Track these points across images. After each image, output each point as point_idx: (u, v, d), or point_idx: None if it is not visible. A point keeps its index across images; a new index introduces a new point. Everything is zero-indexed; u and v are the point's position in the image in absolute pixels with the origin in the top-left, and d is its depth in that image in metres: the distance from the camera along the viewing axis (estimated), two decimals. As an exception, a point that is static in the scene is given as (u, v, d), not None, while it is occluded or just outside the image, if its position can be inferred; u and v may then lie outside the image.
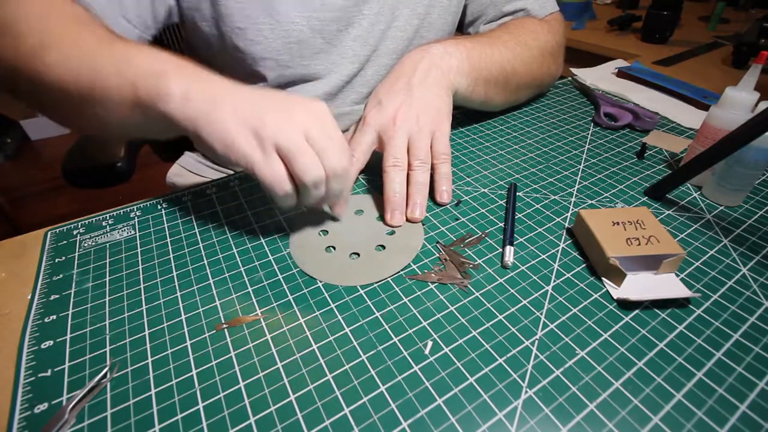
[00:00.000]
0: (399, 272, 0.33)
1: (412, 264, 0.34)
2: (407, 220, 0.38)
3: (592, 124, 0.55)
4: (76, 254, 0.36)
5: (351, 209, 0.40)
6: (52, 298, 0.32)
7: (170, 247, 0.36)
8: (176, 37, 0.71)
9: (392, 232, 0.37)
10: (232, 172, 0.59)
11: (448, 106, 0.43)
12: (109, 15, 0.39)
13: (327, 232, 0.37)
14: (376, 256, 0.35)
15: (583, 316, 0.29)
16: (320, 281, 0.32)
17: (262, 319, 0.30)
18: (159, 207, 0.41)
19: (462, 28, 0.62)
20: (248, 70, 0.49)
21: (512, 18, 0.57)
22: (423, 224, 0.38)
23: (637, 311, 0.30)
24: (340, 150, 0.31)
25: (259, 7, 0.44)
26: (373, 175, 0.45)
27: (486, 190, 0.43)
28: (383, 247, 0.36)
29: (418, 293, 0.31)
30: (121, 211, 0.41)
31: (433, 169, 0.41)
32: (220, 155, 0.30)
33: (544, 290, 0.31)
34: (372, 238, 0.36)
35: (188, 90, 0.30)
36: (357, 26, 0.50)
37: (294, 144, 0.29)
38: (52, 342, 0.29)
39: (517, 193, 0.42)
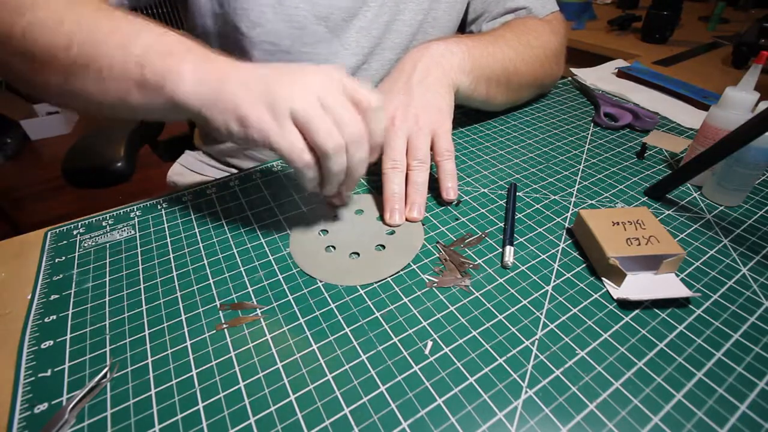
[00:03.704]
0: (399, 272, 0.33)
1: (412, 264, 0.34)
2: (406, 219, 0.38)
3: (592, 124, 0.55)
4: (76, 254, 0.36)
5: (351, 209, 0.40)
6: (52, 298, 0.32)
7: (170, 247, 0.36)
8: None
9: (392, 232, 0.37)
10: (233, 171, 0.59)
11: (449, 105, 0.43)
12: None
13: (327, 231, 0.37)
14: (376, 256, 0.35)
15: (583, 316, 0.29)
16: (320, 281, 0.32)
17: (262, 319, 0.30)
18: (159, 207, 0.41)
19: (464, 25, 0.62)
20: (246, 53, 0.48)
21: (514, 16, 0.57)
22: (423, 224, 0.38)
23: (637, 311, 0.30)
24: (354, 116, 0.30)
25: None
26: (373, 174, 0.45)
27: (486, 190, 0.43)
28: (383, 247, 0.36)
29: (418, 293, 0.31)
30: (121, 211, 0.41)
31: (437, 166, 0.41)
32: (236, 134, 0.29)
33: (544, 290, 0.31)
34: (372, 238, 0.36)
35: (199, 70, 0.29)
36: (361, 17, 0.50)
37: (308, 112, 0.28)
38: (52, 342, 0.29)
39: (517, 193, 0.42)
